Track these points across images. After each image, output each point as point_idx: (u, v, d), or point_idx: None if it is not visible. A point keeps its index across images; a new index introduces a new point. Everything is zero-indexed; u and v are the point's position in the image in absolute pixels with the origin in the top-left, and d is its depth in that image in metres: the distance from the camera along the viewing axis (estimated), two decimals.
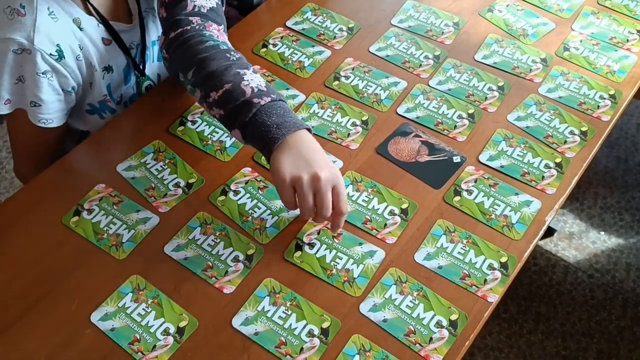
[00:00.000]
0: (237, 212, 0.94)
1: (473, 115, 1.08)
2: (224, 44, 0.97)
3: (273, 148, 0.86)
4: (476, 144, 1.04)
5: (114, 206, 0.94)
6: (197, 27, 0.97)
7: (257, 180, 0.98)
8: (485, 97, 1.10)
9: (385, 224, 0.93)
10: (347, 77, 1.13)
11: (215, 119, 0.94)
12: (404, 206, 0.95)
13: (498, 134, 1.05)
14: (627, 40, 1.21)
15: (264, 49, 1.17)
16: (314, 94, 1.10)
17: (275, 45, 1.18)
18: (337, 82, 1.12)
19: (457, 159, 1.01)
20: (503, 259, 0.90)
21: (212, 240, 0.91)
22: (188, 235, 0.91)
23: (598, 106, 1.10)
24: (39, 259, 0.89)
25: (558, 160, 1.02)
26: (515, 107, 1.09)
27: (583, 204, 1.95)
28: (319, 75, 1.13)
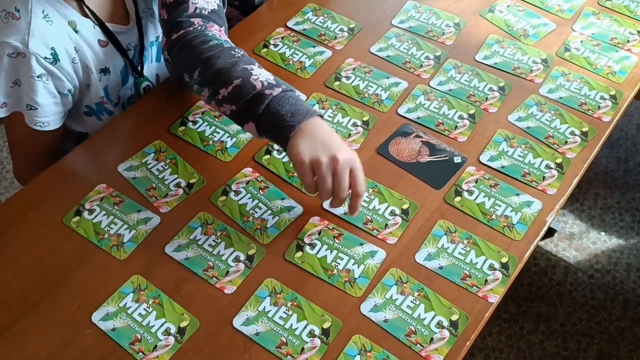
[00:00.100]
0: (238, 213, 0.94)
1: (474, 115, 1.08)
2: (226, 42, 0.97)
3: (289, 135, 0.87)
4: (477, 144, 1.04)
5: (115, 206, 0.94)
6: (199, 27, 0.98)
7: (258, 180, 0.98)
8: (486, 98, 1.10)
9: (386, 225, 0.93)
10: (348, 78, 1.13)
11: (225, 115, 0.94)
12: (404, 206, 0.95)
13: (499, 135, 1.05)
14: (628, 40, 1.21)
15: (265, 49, 1.17)
16: (314, 94, 1.10)
17: (276, 45, 1.18)
18: (338, 83, 1.12)
19: (457, 160, 1.01)
20: (504, 260, 0.90)
21: (213, 240, 0.91)
22: (189, 235, 0.91)
23: (599, 107, 1.10)
24: (40, 259, 0.89)
25: (559, 160, 1.02)
26: (516, 107, 1.09)
27: (583, 205, 1.95)
28: (320, 75, 1.13)
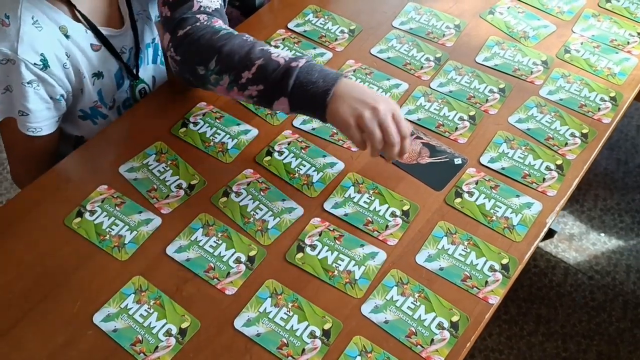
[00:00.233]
0: (239, 214, 0.94)
1: (474, 117, 1.08)
2: (234, 31, 0.98)
3: (327, 102, 0.89)
4: (477, 146, 1.04)
5: (116, 207, 0.95)
6: (205, 22, 0.98)
7: (258, 181, 0.98)
8: (486, 99, 1.11)
9: (387, 226, 0.93)
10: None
11: (250, 99, 0.94)
12: (405, 208, 0.95)
13: (499, 136, 1.05)
14: (628, 42, 1.21)
15: None
16: None
17: (277, 47, 1.18)
18: None
19: (458, 161, 1.01)
20: (504, 261, 0.90)
21: (214, 241, 0.91)
22: (190, 236, 0.92)
23: (599, 108, 1.10)
24: (41, 259, 0.89)
25: (559, 162, 1.02)
26: (516, 109, 1.09)
27: (583, 206, 1.95)
28: None
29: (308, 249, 0.91)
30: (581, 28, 1.24)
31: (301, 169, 1.00)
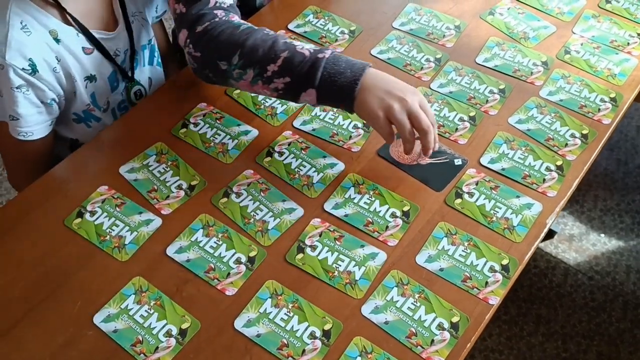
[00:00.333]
0: (239, 214, 0.94)
1: (474, 118, 1.08)
2: (253, 25, 0.98)
3: (355, 95, 0.91)
4: (477, 146, 1.04)
5: (117, 208, 0.95)
6: (223, 18, 0.99)
7: (259, 182, 0.98)
8: (487, 100, 1.11)
9: (387, 226, 0.93)
10: None
11: (276, 92, 0.95)
12: (405, 208, 0.95)
13: (499, 137, 1.05)
14: (628, 43, 1.21)
15: None
16: None
17: None
18: None
19: (458, 162, 1.01)
20: (504, 262, 0.90)
21: (215, 242, 0.91)
22: (190, 237, 0.92)
23: (599, 109, 1.10)
24: (42, 260, 0.89)
25: (559, 163, 1.02)
26: (516, 110, 1.09)
27: (583, 207, 1.96)
28: None
29: (308, 250, 0.91)
30: (581, 29, 1.24)
31: (301, 170, 1.00)
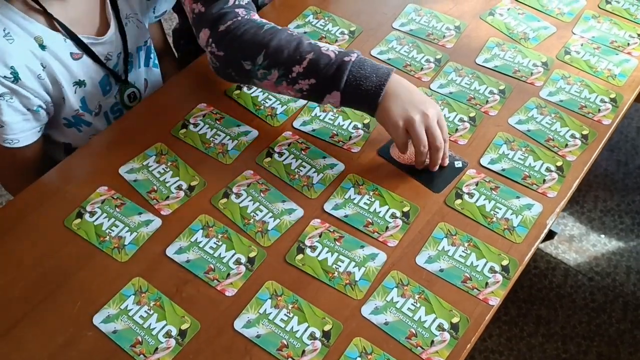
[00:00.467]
0: (239, 215, 0.94)
1: (474, 118, 1.08)
2: (276, 25, 0.99)
3: (379, 101, 0.92)
4: (477, 147, 1.04)
5: (116, 208, 0.95)
6: (245, 16, 0.99)
7: (259, 183, 0.98)
8: (487, 101, 1.11)
9: (387, 227, 0.93)
10: None
11: (301, 93, 0.96)
12: (405, 209, 0.95)
13: (499, 138, 1.05)
14: (628, 44, 1.21)
15: None
16: None
17: None
18: None
19: (458, 164, 1.01)
20: (504, 262, 0.90)
21: (214, 242, 0.91)
22: (190, 237, 0.92)
23: (599, 110, 1.10)
24: (41, 261, 0.89)
25: (559, 163, 1.02)
26: (516, 110, 1.09)
27: (583, 207, 1.95)
28: None
29: (308, 250, 0.91)
30: (581, 29, 1.24)
31: (301, 170, 1.00)
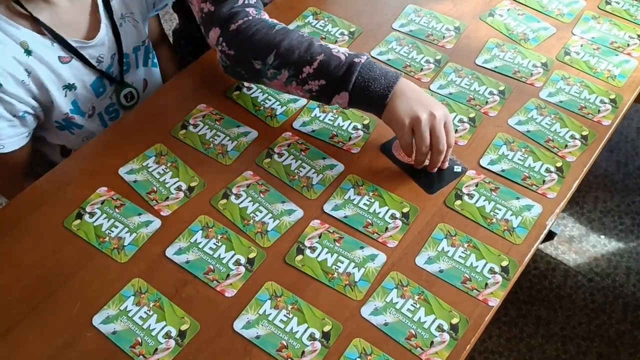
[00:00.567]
0: (238, 216, 0.94)
1: (474, 119, 1.08)
2: (287, 26, 0.99)
3: (386, 102, 0.93)
4: (477, 148, 1.04)
5: (116, 209, 0.95)
6: (256, 16, 0.99)
7: (258, 183, 0.98)
8: (486, 101, 1.11)
9: (387, 228, 0.93)
10: None
11: (310, 94, 0.97)
12: (405, 210, 0.95)
13: (499, 138, 1.05)
14: (628, 44, 1.21)
15: None
16: None
17: None
18: None
19: (457, 169, 1.00)
20: (504, 263, 0.90)
21: (214, 243, 0.91)
22: (190, 238, 0.92)
23: (599, 110, 1.10)
24: (41, 261, 0.89)
25: (559, 164, 1.02)
26: (516, 111, 1.09)
27: (583, 208, 1.95)
28: None
29: (308, 251, 0.91)
30: (581, 30, 1.24)
31: (301, 171, 1.00)
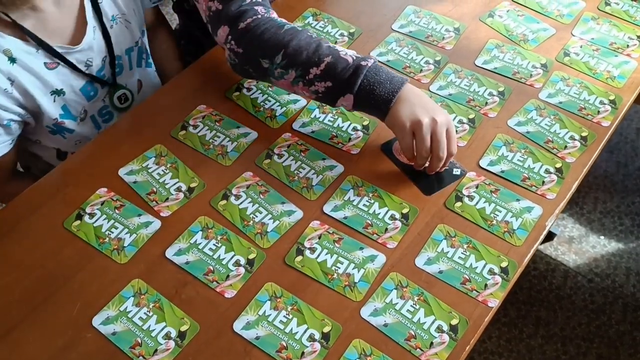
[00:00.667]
0: (238, 217, 0.94)
1: (474, 120, 1.08)
2: (296, 26, 0.99)
3: (390, 106, 0.93)
4: (477, 149, 1.04)
5: (116, 210, 0.95)
6: (265, 14, 1.00)
7: (258, 184, 0.98)
8: (486, 102, 1.11)
9: (386, 229, 0.93)
10: None
11: (316, 95, 0.97)
12: (404, 211, 0.95)
13: (498, 139, 1.05)
14: (627, 45, 1.21)
15: None
16: None
17: None
18: None
19: (457, 172, 1.00)
20: (503, 264, 0.90)
21: (214, 244, 0.91)
22: (189, 239, 0.92)
23: (598, 111, 1.10)
24: (41, 262, 0.89)
25: (558, 165, 1.02)
26: (515, 112, 1.09)
27: (583, 209, 1.96)
28: None
29: (307, 252, 0.91)
30: (580, 31, 1.24)
31: (301, 172, 1.00)
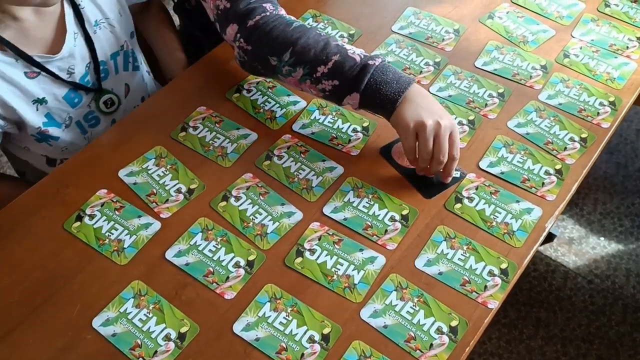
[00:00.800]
0: (238, 218, 0.94)
1: (473, 121, 1.08)
2: (305, 24, 1.00)
3: (396, 106, 0.93)
4: (476, 150, 1.04)
5: (116, 212, 0.95)
6: (274, 12, 1.00)
7: (258, 186, 0.98)
8: (486, 104, 1.11)
9: (386, 230, 0.93)
10: None
11: (323, 93, 0.98)
12: (404, 212, 0.95)
13: (498, 141, 1.05)
14: (627, 47, 1.21)
15: None
16: (315, 100, 1.10)
17: None
18: None
19: (456, 174, 1.00)
20: (503, 265, 0.90)
21: (214, 246, 0.91)
22: (189, 241, 0.92)
23: (598, 113, 1.10)
24: (41, 264, 0.89)
25: (558, 166, 1.02)
26: (515, 113, 1.10)
27: (583, 210, 1.96)
28: None
29: (307, 254, 0.91)
30: (580, 33, 1.24)
31: (300, 173, 1.00)
